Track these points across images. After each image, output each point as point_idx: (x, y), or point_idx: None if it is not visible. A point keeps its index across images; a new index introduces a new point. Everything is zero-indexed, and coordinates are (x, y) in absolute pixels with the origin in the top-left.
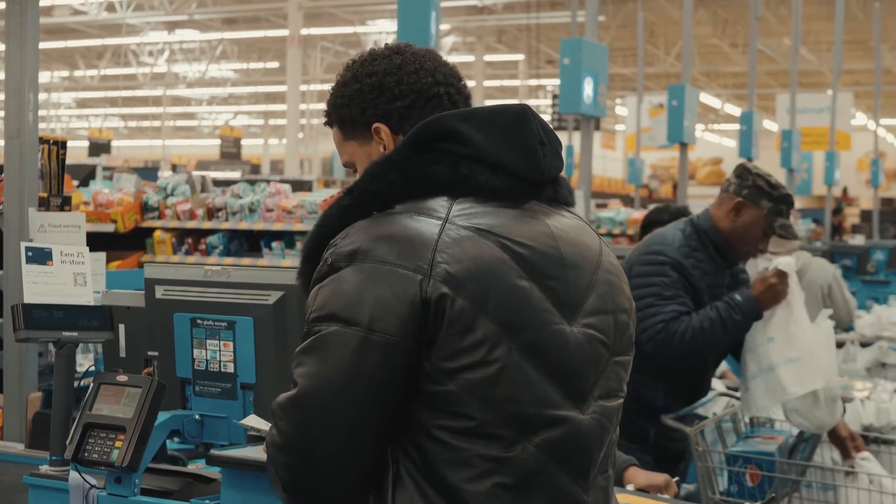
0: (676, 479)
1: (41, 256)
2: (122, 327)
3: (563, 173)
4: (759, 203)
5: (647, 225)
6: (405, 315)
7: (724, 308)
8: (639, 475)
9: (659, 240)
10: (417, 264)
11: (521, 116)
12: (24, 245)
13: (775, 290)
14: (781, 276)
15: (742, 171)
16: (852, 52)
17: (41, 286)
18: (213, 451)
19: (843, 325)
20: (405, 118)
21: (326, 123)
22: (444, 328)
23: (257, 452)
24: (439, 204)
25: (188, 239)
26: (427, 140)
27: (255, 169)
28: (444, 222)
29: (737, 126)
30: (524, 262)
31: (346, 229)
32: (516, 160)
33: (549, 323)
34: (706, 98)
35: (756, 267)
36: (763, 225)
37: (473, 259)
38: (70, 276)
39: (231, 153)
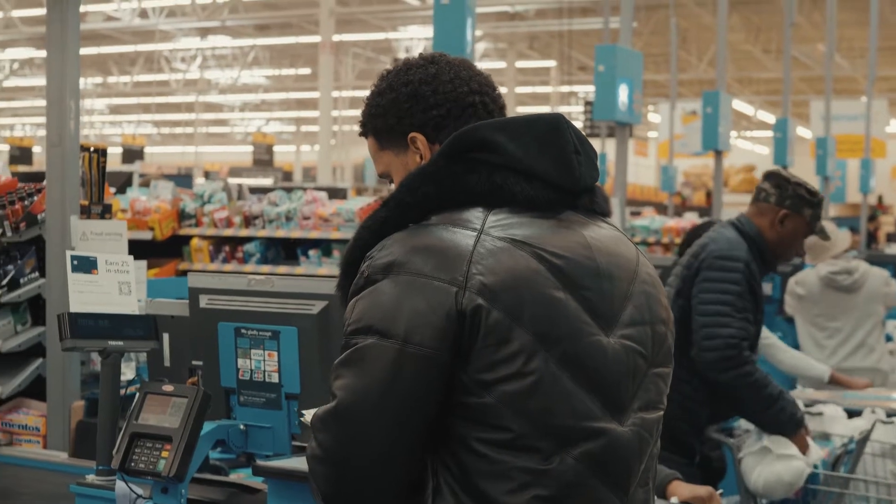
0: (720, 491)
1: (86, 265)
2: (166, 336)
3: (598, 183)
4: (802, 212)
5: (691, 241)
6: (441, 327)
7: (785, 399)
8: (682, 488)
9: (726, 245)
10: (453, 276)
11: (556, 126)
12: (69, 254)
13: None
14: None
15: (780, 181)
16: (887, 58)
17: (87, 295)
18: (260, 462)
19: None
20: (441, 127)
21: (361, 134)
22: (480, 340)
23: (303, 463)
24: (474, 215)
25: (225, 247)
26: (462, 150)
27: (288, 176)
28: (480, 233)
29: (769, 133)
30: (560, 273)
31: (382, 241)
32: (551, 170)
33: (586, 334)
34: (739, 105)
35: None
36: (805, 231)
37: (509, 270)
38: (115, 284)
39: (263, 160)
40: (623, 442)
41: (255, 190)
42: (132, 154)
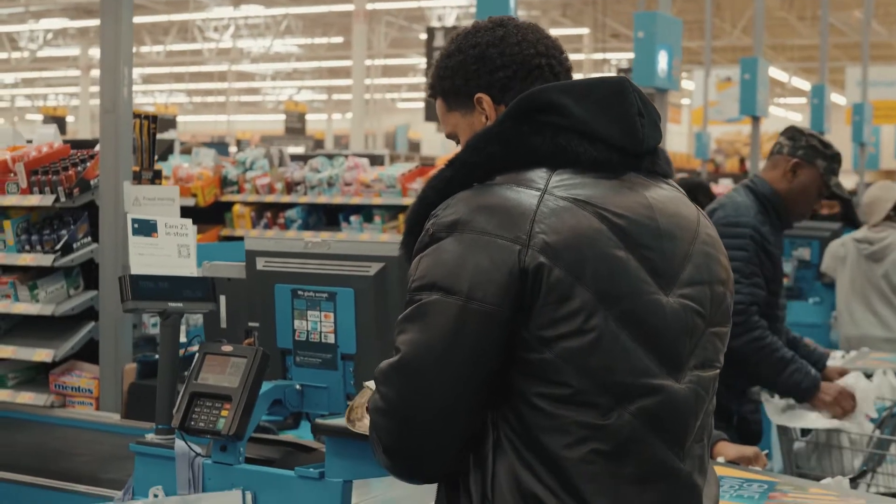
0: (766, 451)
1: (147, 228)
2: (223, 298)
3: (661, 145)
4: (815, 162)
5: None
6: (504, 284)
7: (797, 363)
8: (729, 448)
9: (733, 210)
10: (516, 234)
11: (621, 88)
12: (130, 217)
13: (838, 406)
14: (849, 398)
15: (794, 133)
16: None
17: (147, 257)
18: (318, 420)
19: None
20: (507, 89)
21: (430, 96)
22: (542, 297)
23: None
24: (539, 175)
25: (267, 213)
26: (528, 112)
27: (319, 144)
28: (543, 193)
29: (803, 100)
30: (621, 233)
31: (447, 200)
32: (615, 132)
33: (646, 293)
34: (773, 72)
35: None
36: (819, 184)
37: (571, 229)
38: (174, 247)
39: (295, 128)
40: (680, 399)
41: (295, 157)
42: (165, 123)
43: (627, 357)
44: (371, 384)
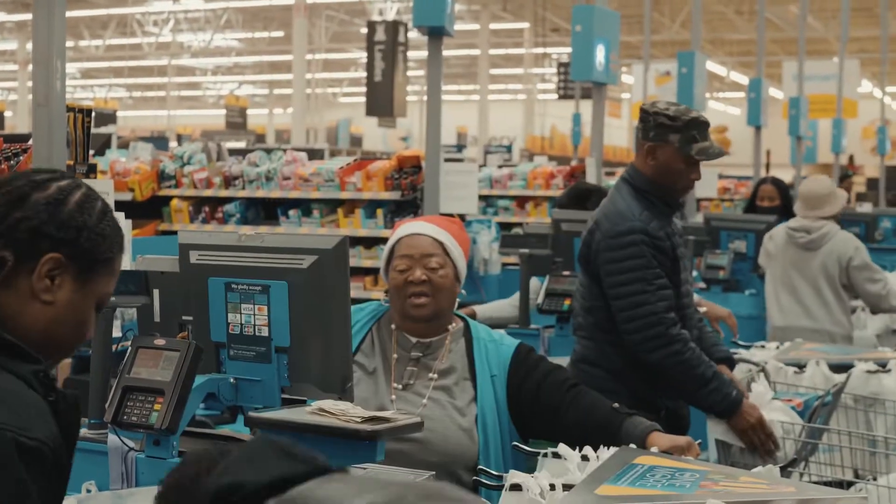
0: (699, 441)
1: None
2: (156, 292)
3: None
4: (668, 139)
5: (578, 197)
6: None
7: (718, 381)
8: (662, 439)
9: (618, 219)
10: None
11: None
12: None
13: (756, 437)
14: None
15: (643, 115)
16: (859, 19)
17: None
18: (252, 413)
19: (880, 308)
20: None
21: None
22: None
23: (293, 414)
24: None
25: (205, 207)
26: None
27: (260, 139)
28: None
29: (741, 94)
30: None
31: None
32: None
33: None
34: (711, 66)
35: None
36: (680, 158)
37: None
38: None
39: (236, 123)
40: None
41: (233, 151)
42: (105, 118)
43: None
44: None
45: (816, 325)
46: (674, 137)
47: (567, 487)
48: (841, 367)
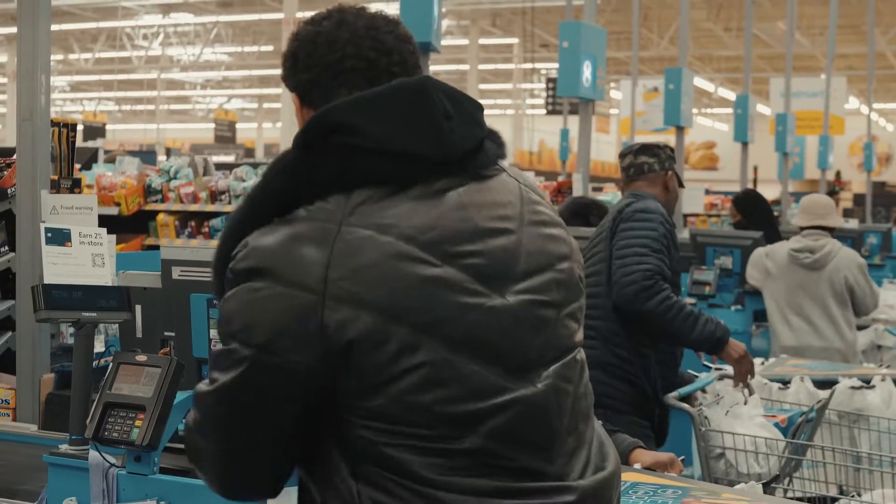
0: (682, 457)
1: (60, 237)
2: (138, 308)
3: (491, 130)
4: (673, 168)
5: (575, 212)
6: (301, 337)
7: (706, 315)
8: (644, 455)
9: (643, 205)
10: (310, 284)
11: (421, 91)
12: (43, 226)
13: (743, 367)
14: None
15: (655, 150)
16: (846, 36)
17: (60, 267)
18: None
19: (868, 313)
20: (310, 92)
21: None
22: (355, 347)
23: None
24: (334, 204)
25: (191, 222)
26: (318, 136)
27: (250, 152)
28: (339, 227)
29: (729, 110)
30: (434, 248)
31: (243, 241)
32: (415, 142)
33: (472, 306)
34: (699, 82)
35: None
36: (676, 181)
37: (372, 265)
38: (89, 256)
39: (225, 137)
40: (538, 403)
41: (219, 166)
42: (94, 131)
43: (467, 381)
44: None
45: (826, 343)
46: (672, 165)
47: None
48: (825, 384)
